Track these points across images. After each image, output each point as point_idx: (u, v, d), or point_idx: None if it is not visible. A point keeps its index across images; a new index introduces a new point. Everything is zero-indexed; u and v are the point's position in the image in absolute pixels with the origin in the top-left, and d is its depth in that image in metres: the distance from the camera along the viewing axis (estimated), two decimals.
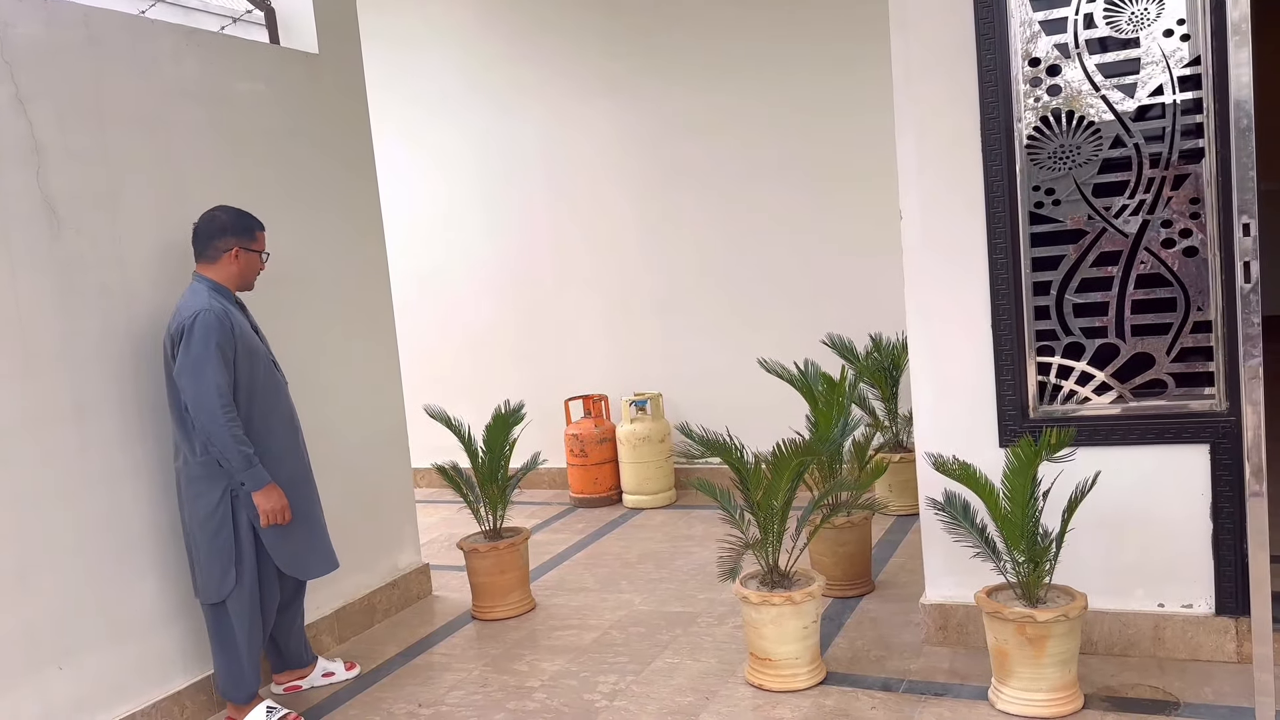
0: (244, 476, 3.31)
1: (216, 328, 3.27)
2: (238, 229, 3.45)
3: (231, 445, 3.26)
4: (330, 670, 3.87)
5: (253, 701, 3.50)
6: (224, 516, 3.37)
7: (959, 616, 3.63)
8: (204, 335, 3.24)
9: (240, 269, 3.47)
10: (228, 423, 3.25)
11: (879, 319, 5.61)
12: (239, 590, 3.40)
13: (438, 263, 7.03)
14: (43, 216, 3.20)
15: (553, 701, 3.53)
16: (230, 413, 3.26)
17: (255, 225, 3.53)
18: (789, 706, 3.31)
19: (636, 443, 6.14)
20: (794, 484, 3.49)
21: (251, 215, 3.54)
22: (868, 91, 5.59)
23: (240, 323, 3.40)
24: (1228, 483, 3.24)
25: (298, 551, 3.54)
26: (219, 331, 3.27)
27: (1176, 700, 3.10)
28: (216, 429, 3.24)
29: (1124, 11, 3.21)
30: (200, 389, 3.23)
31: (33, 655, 3.12)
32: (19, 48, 3.16)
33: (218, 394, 3.24)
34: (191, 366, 3.24)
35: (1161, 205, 3.24)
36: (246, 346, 3.38)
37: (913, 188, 3.54)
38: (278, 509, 3.37)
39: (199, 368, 3.23)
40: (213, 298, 3.34)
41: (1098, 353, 3.37)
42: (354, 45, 4.60)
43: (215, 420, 3.23)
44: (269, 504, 3.35)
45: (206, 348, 3.24)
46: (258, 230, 3.53)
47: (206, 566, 3.39)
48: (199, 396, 3.23)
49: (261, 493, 3.34)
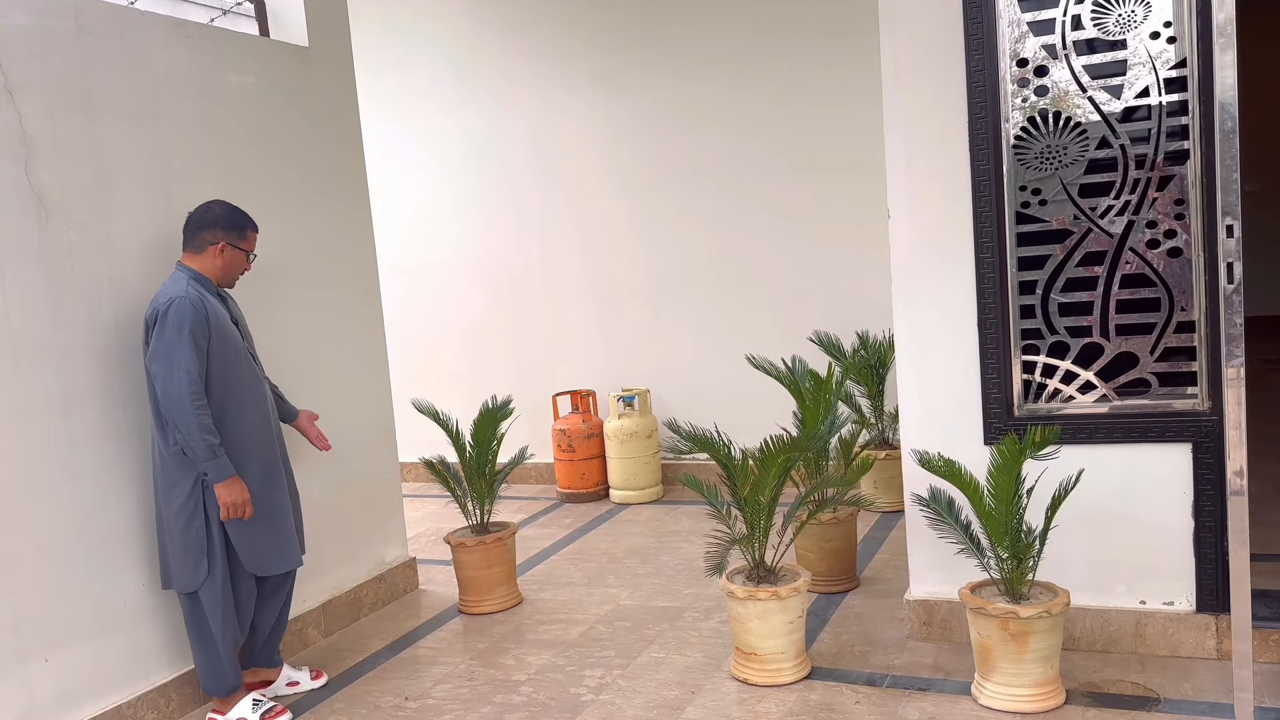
0: (206, 467, 3.27)
1: (190, 314, 3.24)
2: (228, 224, 3.44)
3: (197, 433, 3.22)
4: (295, 679, 3.75)
5: (235, 694, 3.49)
6: (196, 506, 3.33)
7: (943, 612, 3.66)
8: (177, 321, 3.22)
9: (224, 264, 3.45)
10: (195, 410, 3.21)
11: (866, 316, 5.64)
12: (210, 581, 3.36)
13: (427, 257, 7.02)
14: (31, 208, 3.19)
15: (539, 695, 3.54)
16: (199, 401, 3.23)
17: (248, 224, 3.51)
18: (774, 701, 3.33)
19: (624, 438, 6.16)
20: (781, 480, 3.51)
21: (246, 215, 3.52)
22: (858, 86, 5.61)
23: (217, 312, 3.36)
24: (1209, 481, 3.28)
25: (257, 545, 3.46)
26: (193, 318, 3.24)
27: (1157, 696, 3.14)
28: (183, 416, 3.21)
29: (1111, 13, 3.24)
30: (170, 375, 3.21)
31: (18, 647, 3.11)
32: (8, 38, 3.15)
33: (188, 381, 3.21)
34: (163, 353, 3.22)
35: (1146, 206, 3.27)
36: (221, 336, 3.35)
37: (901, 186, 3.56)
38: (239, 502, 3.32)
39: (170, 354, 3.21)
40: (191, 286, 3.32)
41: (1082, 352, 3.41)
42: (344, 38, 4.59)
43: (183, 407, 3.21)
44: (230, 496, 3.31)
45: (179, 334, 3.22)
46: (249, 230, 3.51)
47: (179, 556, 3.36)
48: (168, 383, 3.21)
49: (224, 485, 3.30)
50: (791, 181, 5.98)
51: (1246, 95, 2.90)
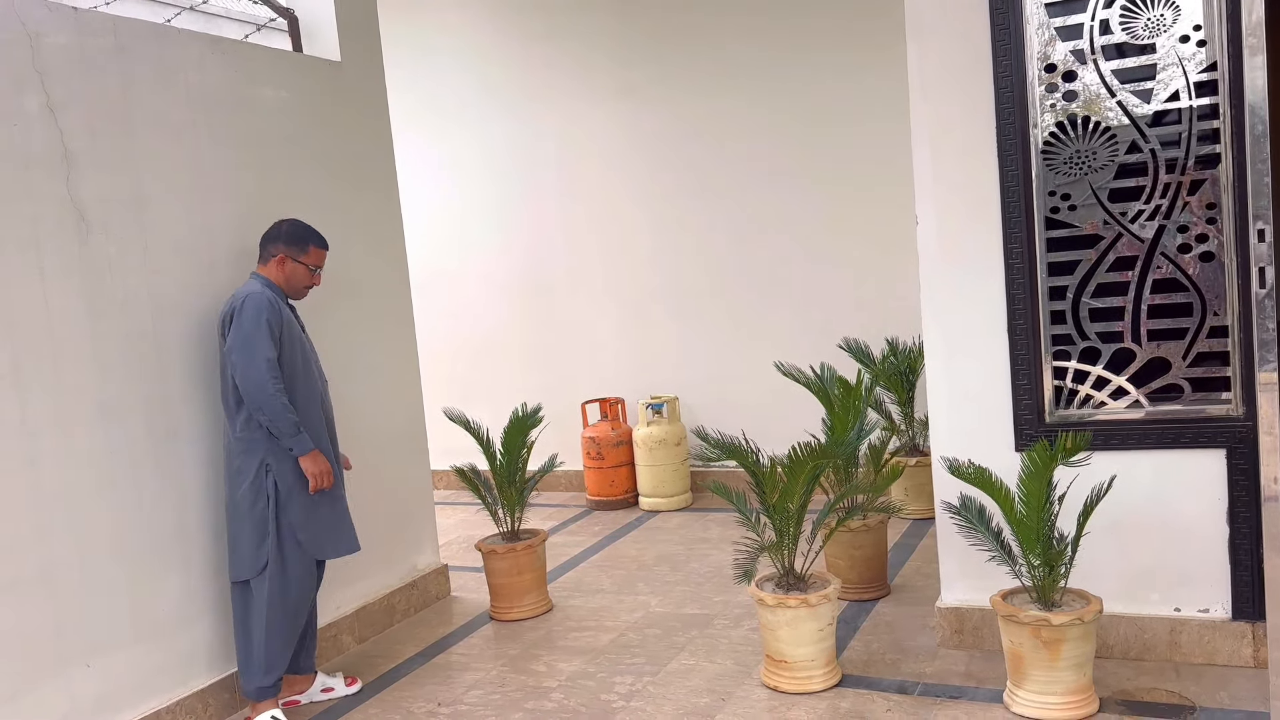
0: (291, 442, 3.44)
1: (267, 307, 3.45)
2: (290, 239, 3.64)
3: (281, 412, 3.41)
4: (330, 685, 3.80)
5: (264, 701, 3.53)
6: (259, 490, 3.48)
7: (974, 620, 3.64)
8: (255, 313, 3.43)
9: (286, 275, 3.63)
10: (276, 392, 3.40)
11: (896, 323, 5.63)
12: (270, 569, 3.48)
13: (454, 266, 7.09)
14: (72, 222, 3.27)
15: (570, 701, 3.56)
16: (278, 383, 3.41)
17: (310, 240, 3.68)
18: (804, 708, 3.33)
19: (653, 445, 6.18)
20: (809, 487, 3.51)
21: (312, 231, 3.70)
22: (882, 97, 5.63)
23: (286, 314, 3.56)
24: (1244, 487, 3.24)
25: (321, 531, 3.60)
26: (269, 310, 3.45)
27: (1193, 704, 3.11)
28: (265, 398, 3.39)
29: (1140, 17, 3.22)
30: (250, 361, 3.39)
31: (61, 652, 3.18)
32: (50, 57, 3.23)
33: (267, 366, 3.40)
34: (243, 341, 3.41)
35: (1178, 210, 3.25)
36: (290, 337, 3.54)
37: (929, 193, 3.56)
38: (323, 471, 3.51)
39: (249, 342, 3.40)
40: (265, 288, 3.54)
41: (1113, 357, 3.38)
42: (375, 53, 4.66)
43: (264, 389, 3.38)
44: (315, 467, 3.49)
45: (257, 324, 3.42)
46: (311, 245, 3.68)
47: (243, 541, 3.50)
48: (248, 368, 3.39)
49: (308, 457, 3.48)
50: (817, 189, 5.98)
51: None
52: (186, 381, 3.60)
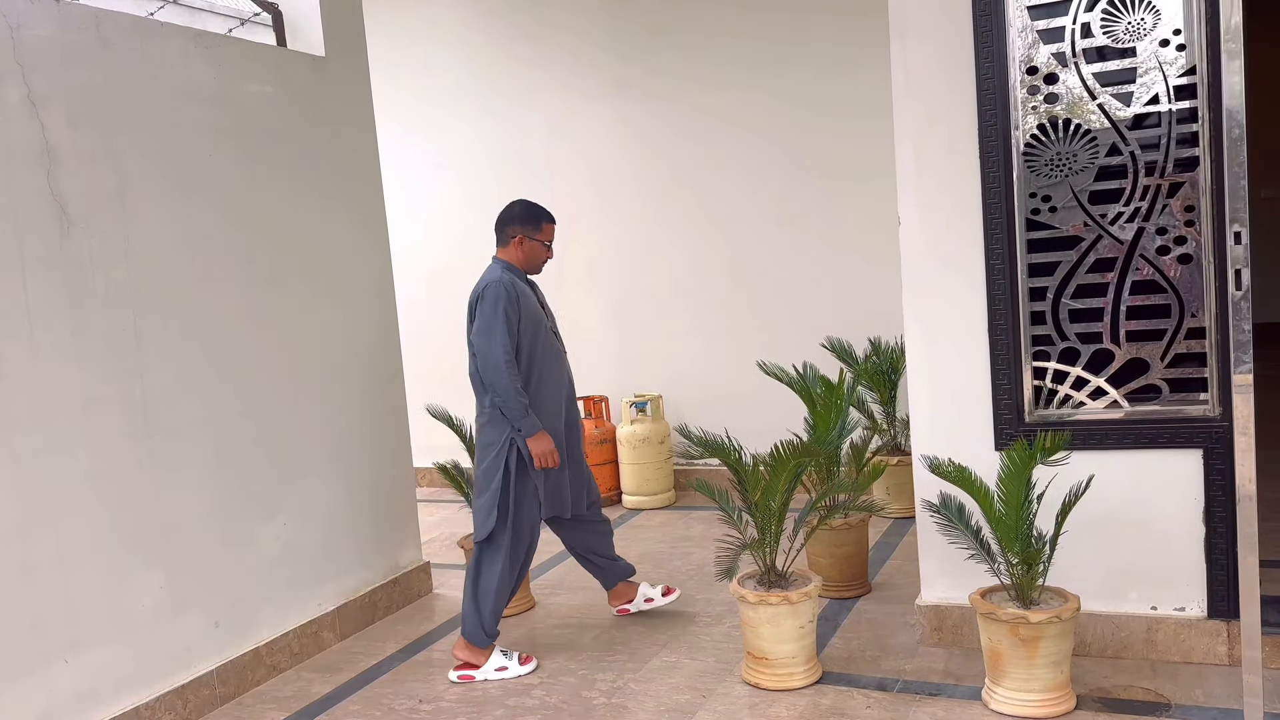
0: (520, 424, 3.72)
1: (504, 296, 3.71)
2: (524, 219, 3.90)
3: (512, 396, 3.69)
4: (650, 595, 4.24)
5: (488, 648, 3.81)
6: (499, 462, 3.77)
7: (954, 618, 3.66)
8: (493, 302, 3.71)
9: (525, 254, 3.90)
10: (510, 377, 3.69)
11: (879, 323, 5.64)
12: (498, 532, 3.77)
13: (442, 262, 7.06)
14: (54, 216, 3.25)
15: (551, 698, 3.57)
16: (512, 369, 3.71)
17: (543, 217, 3.94)
18: (785, 705, 3.34)
19: (636, 444, 6.18)
20: (792, 485, 3.53)
21: (541, 209, 3.95)
22: (871, 94, 5.61)
23: (526, 294, 3.83)
24: (1220, 487, 3.28)
25: (558, 491, 3.91)
26: (506, 299, 3.71)
27: (1168, 702, 3.14)
28: (500, 381, 3.68)
29: (1121, 21, 3.25)
30: (490, 347, 3.69)
31: (39, 648, 3.16)
32: (31, 50, 3.20)
33: (503, 352, 3.68)
34: (484, 328, 3.71)
35: (1157, 213, 3.28)
36: (530, 316, 3.81)
37: (911, 193, 3.58)
38: (547, 452, 3.76)
39: (489, 329, 3.70)
40: (504, 273, 3.80)
41: (1093, 358, 3.41)
42: (360, 47, 4.65)
43: (499, 374, 3.68)
44: (540, 448, 3.75)
45: (495, 312, 3.70)
46: (544, 222, 3.93)
47: (480, 505, 3.81)
48: (487, 353, 3.69)
49: (534, 439, 3.74)
50: (804, 188, 6.00)
51: (1259, 103, 2.90)
52: (168, 376, 3.59)
